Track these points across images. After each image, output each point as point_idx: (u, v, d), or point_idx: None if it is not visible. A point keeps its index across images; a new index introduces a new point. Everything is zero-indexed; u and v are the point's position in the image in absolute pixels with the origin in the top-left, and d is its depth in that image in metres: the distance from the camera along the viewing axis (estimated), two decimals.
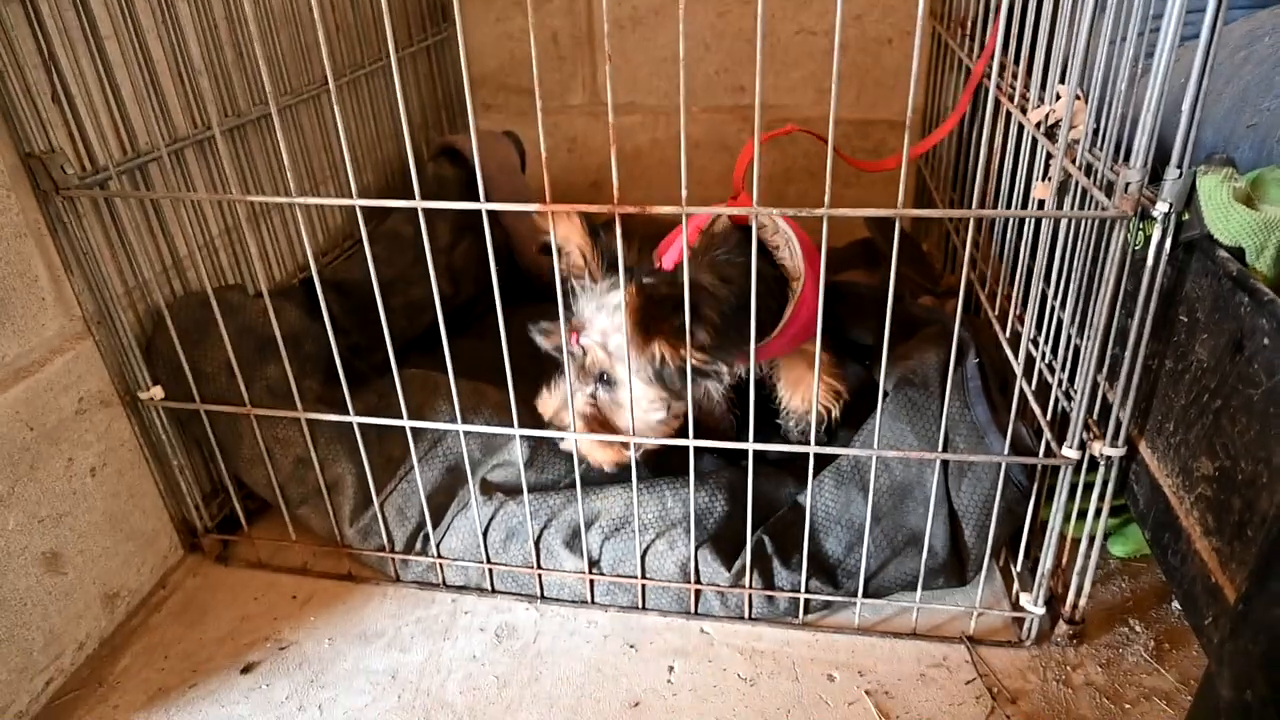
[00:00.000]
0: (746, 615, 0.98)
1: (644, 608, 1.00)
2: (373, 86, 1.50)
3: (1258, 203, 0.68)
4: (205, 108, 1.07)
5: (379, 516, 1.03)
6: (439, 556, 1.03)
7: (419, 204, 0.79)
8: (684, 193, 0.74)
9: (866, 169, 1.19)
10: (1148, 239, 0.71)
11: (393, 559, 1.05)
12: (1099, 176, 0.76)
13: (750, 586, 0.95)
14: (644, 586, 0.99)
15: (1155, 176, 0.69)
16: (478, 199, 0.78)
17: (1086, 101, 0.81)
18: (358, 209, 0.81)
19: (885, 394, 1.02)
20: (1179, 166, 0.67)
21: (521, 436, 0.96)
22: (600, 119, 1.84)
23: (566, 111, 1.84)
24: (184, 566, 1.11)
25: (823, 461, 0.99)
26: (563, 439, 0.95)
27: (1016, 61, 0.99)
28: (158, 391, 0.99)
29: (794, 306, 1.00)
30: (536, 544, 1.00)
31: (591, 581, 1.00)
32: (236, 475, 1.07)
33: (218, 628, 1.01)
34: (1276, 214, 0.66)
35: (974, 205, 0.73)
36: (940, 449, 0.88)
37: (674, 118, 1.79)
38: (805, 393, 1.11)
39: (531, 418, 1.07)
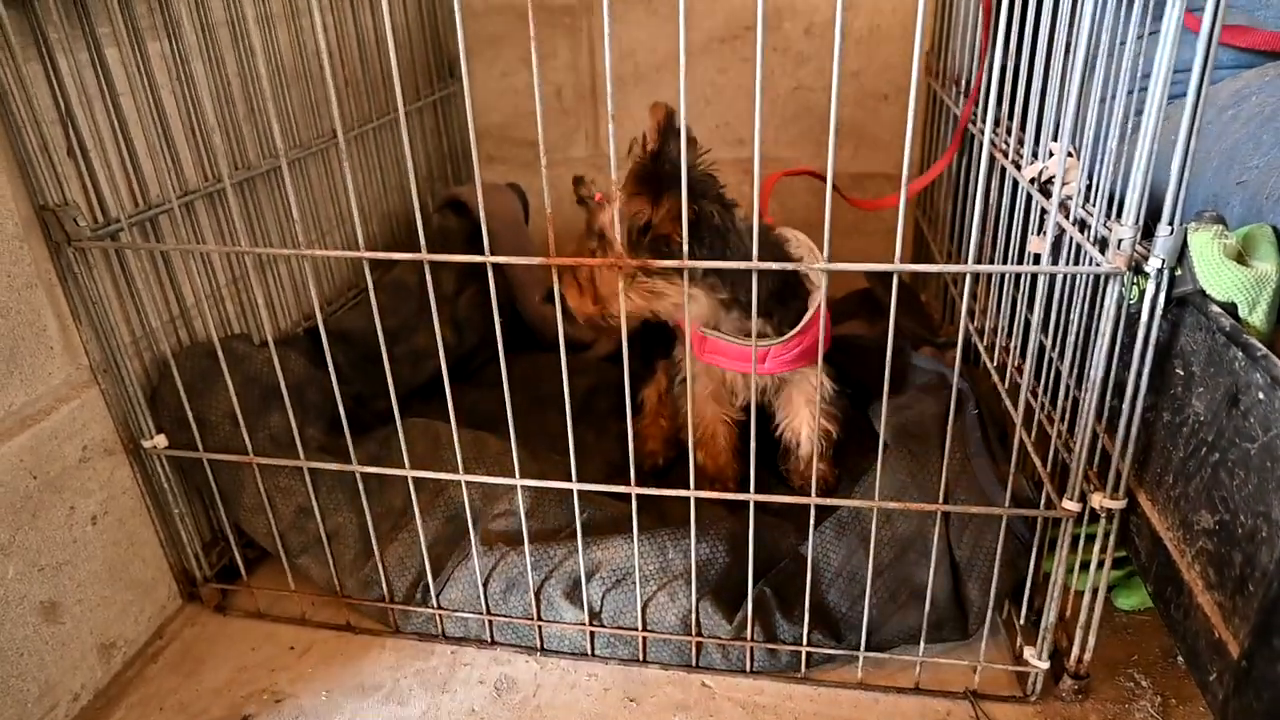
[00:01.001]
0: (748, 668, 0.97)
1: (645, 660, 0.99)
2: (381, 140, 1.53)
3: (1248, 259, 0.69)
4: (216, 161, 1.09)
5: (379, 566, 1.02)
6: (439, 608, 1.02)
7: (424, 256, 0.81)
8: (685, 247, 0.76)
9: (865, 207, 1.21)
10: (1142, 294, 0.72)
11: (392, 610, 1.04)
12: (1093, 232, 0.77)
13: (752, 639, 0.95)
14: (645, 639, 0.98)
15: (1148, 232, 0.71)
16: (482, 250, 0.79)
17: (1079, 158, 0.83)
18: (365, 262, 0.82)
19: (885, 445, 1.03)
20: (1170, 223, 0.68)
21: (523, 486, 0.96)
22: (603, 171, 1.87)
23: (570, 164, 1.87)
24: (182, 616, 1.10)
25: (824, 512, 0.99)
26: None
27: (1010, 118, 1.01)
28: (161, 440, 1.00)
29: (811, 314, 1.04)
30: (537, 595, 0.99)
31: (592, 633, 0.99)
32: (237, 524, 1.07)
33: (214, 679, 1.00)
34: (1267, 270, 0.67)
35: (971, 260, 0.75)
36: (941, 501, 0.88)
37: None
38: (804, 419, 1.14)
39: (534, 465, 1.08)
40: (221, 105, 1.13)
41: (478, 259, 0.80)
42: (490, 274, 0.81)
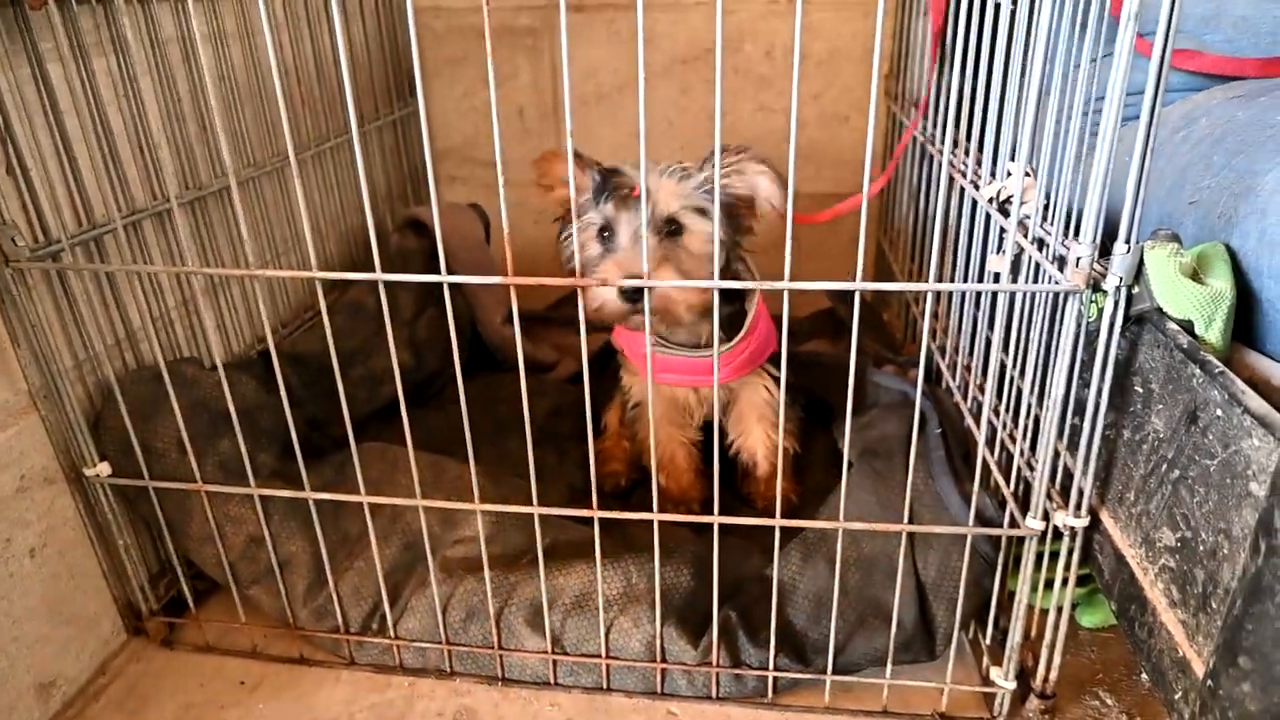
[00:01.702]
0: (714, 695, 0.95)
1: (609, 688, 0.97)
2: (339, 159, 1.51)
3: (1203, 277, 0.70)
4: (165, 179, 1.07)
5: (334, 596, 0.99)
6: (396, 638, 0.99)
7: (379, 276, 0.79)
8: (645, 266, 0.75)
9: (821, 220, 1.22)
10: (1100, 311, 0.73)
11: (347, 641, 1.01)
12: (1051, 251, 0.77)
13: (717, 664, 0.93)
14: (608, 666, 0.96)
15: (1105, 251, 0.71)
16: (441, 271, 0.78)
17: (1036, 178, 0.84)
18: (317, 283, 0.80)
19: (850, 464, 1.02)
20: (1127, 242, 0.69)
21: (483, 511, 0.93)
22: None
23: (532, 185, 1.85)
24: (127, 651, 1.05)
25: (789, 534, 0.98)
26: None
27: (969, 138, 1.02)
28: (104, 468, 0.96)
29: (753, 317, 1.06)
30: (497, 623, 0.97)
31: (554, 661, 0.97)
32: (185, 554, 1.03)
33: (160, 717, 0.96)
34: (1222, 287, 0.68)
35: (931, 278, 0.74)
36: (905, 521, 0.88)
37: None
38: (757, 438, 1.15)
39: (494, 489, 1.06)
40: (172, 123, 1.10)
41: (435, 279, 0.78)
42: (448, 294, 0.79)
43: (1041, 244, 0.79)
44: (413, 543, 1.02)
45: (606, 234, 1.00)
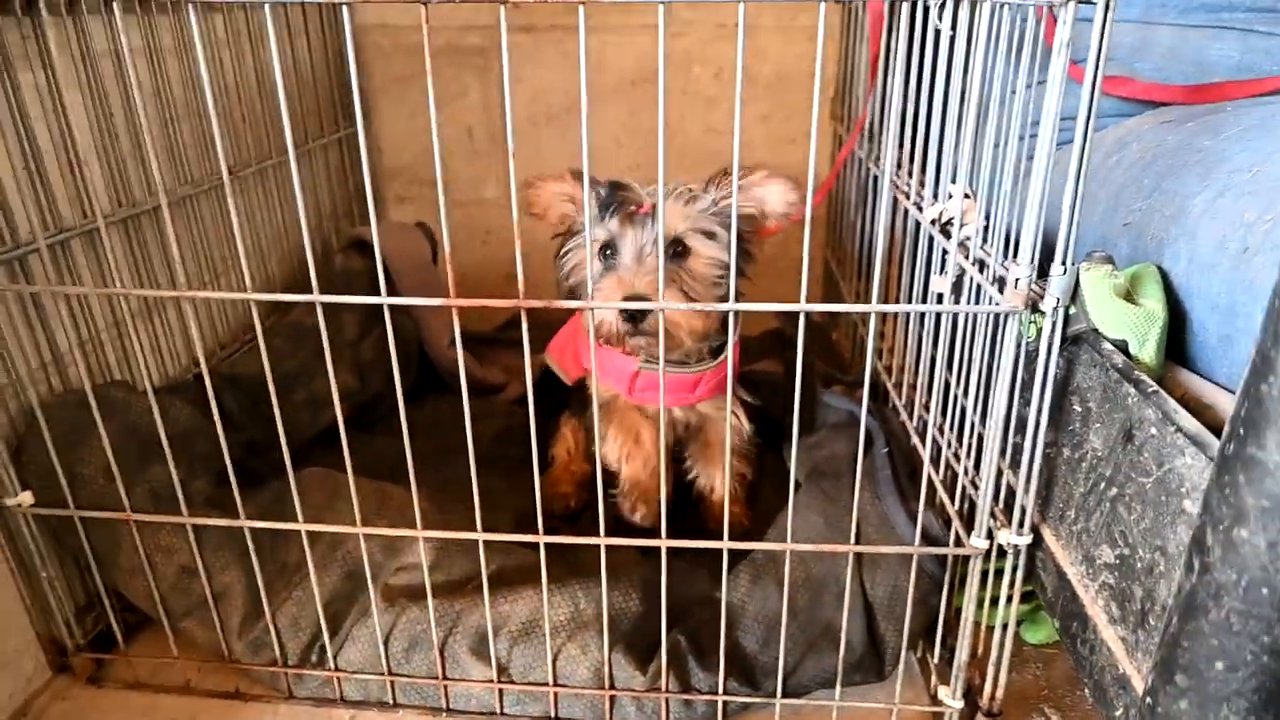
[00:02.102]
0: None
1: (556, 717, 0.95)
2: (281, 177, 1.48)
3: (1137, 297, 0.71)
4: (96, 197, 1.03)
5: (271, 627, 0.96)
6: (336, 670, 0.96)
7: (317, 298, 0.77)
8: (590, 288, 0.74)
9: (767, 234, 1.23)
10: (1039, 332, 0.74)
11: (285, 674, 0.97)
12: (991, 272, 0.79)
13: (666, 690, 0.92)
14: (556, 694, 0.94)
15: (1043, 272, 0.72)
16: (387, 292, 0.76)
17: (976, 200, 0.85)
18: (253, 304, 0.78)
19: (798, 484, 1.02)
20: (1063, 263, 0.70)
21: (425, 538, 0.91)
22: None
23: (481, 204, 1.84)
24: (50, 689, 1.00)
25: (738, 556, 0.98)
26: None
27: (912, 160, 1.03)
28: (27, 497, 0.92)
29: (735, 339, 1.05)
30: (441, 652, 0.94)
31: (500, 691, 0.95)
32: (114, 587, 0.99)
33: None
34: (1155, 308, 0.70)
35: (875, 299, 0.75)
36: (854, 541, 0.88)
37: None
38: (719, 469, 1.13)
39: (440, 514, 1.03)
40: (103, 139, 1.07)
41: (374, 300, 0.76)
42: (388, 315, 0.77)
43: (982, 265, 0.80)
44: (354, 571, 0.99)
45: (609, 251, 0.98)
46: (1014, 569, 0.83)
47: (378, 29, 1.72)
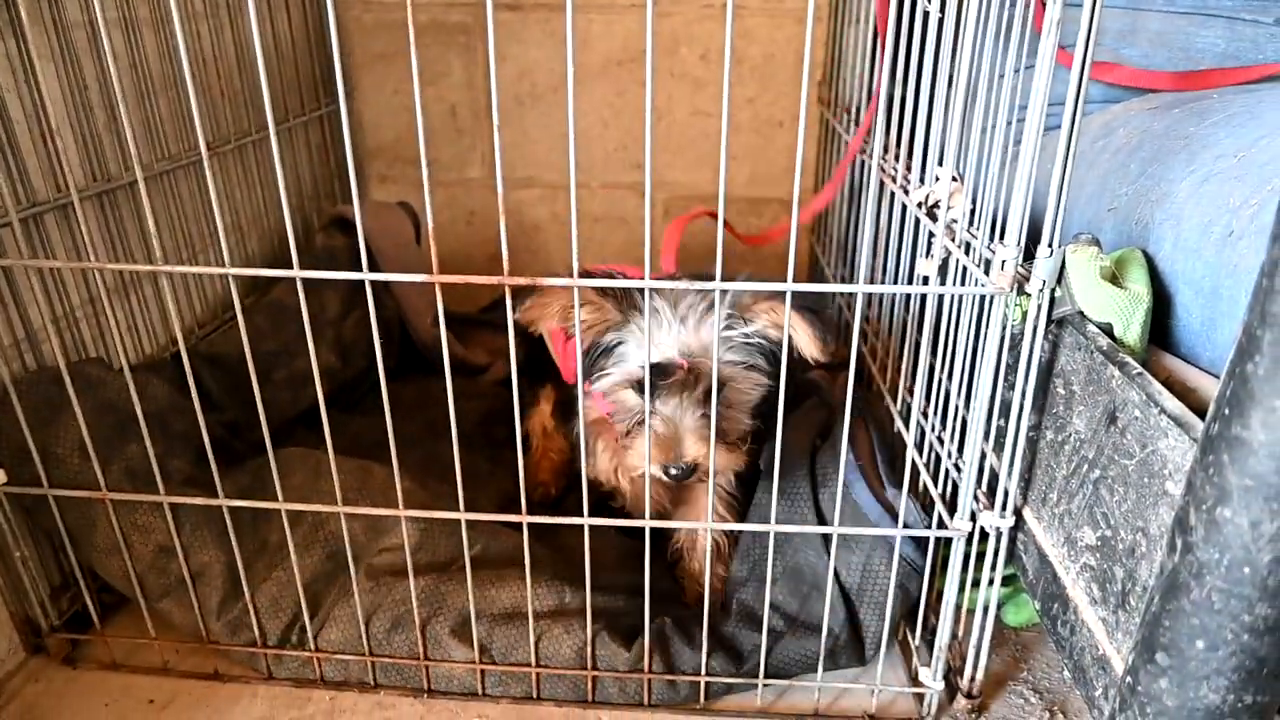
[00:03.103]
0: (646, 701, 0.94)
1: (538, 698, 0.95)
2: (261, 154, 1.45)
3: (1122, 281, 0.71)
4: (69, 172, 1.01)
5: (250, 608, 0.95)
6: (316, 650, 0.95)
7: (297, 274, 0.76)
8: (575, 266, 0.73)
9: (756, 242, 1.21)
10: (1024, 314, 0.74)
11: (265, 654, 0.97)
12: (977, 254, 0.79)
13: (650, 670, 0.92)
14: (538, 675, 0.94)
15: (1029, 255, 0.72)
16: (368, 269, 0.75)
17: (963, 183, 0.85)
18: (231, 279, 0.77)
19: (765, 472, 1.02)
20: (1050, 245, 0.70)
21: (408, 518, 0.90)
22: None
23: (465, 184, 1.82)
24: (25, 671, 0.99)
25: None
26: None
27: (899, 144, 1.03)
28: (0, 476, 0.90)
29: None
30: (423, 632, 0.94)
31: (482, 671, 0.94)
32: (89, 566, 0.98)
33: None
34: (1140, 291, 0.70)
35: (861, 280, 0.75)
36: (836, 524, 0.88)
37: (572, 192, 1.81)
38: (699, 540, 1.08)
39: (423, 494, 1.02)
40: (78, 113, 1.04)
41: (356, 276, 0.75)
42: (370, 292, 0.76)
43: (968, 248, 0.80)
44: (336, 551, 0.98)
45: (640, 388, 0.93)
46: (995, 551, 0.83)
47: (359, 3, 1.70)
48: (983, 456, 0.82)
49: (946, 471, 0.88)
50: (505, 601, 0.95)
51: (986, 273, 0.75)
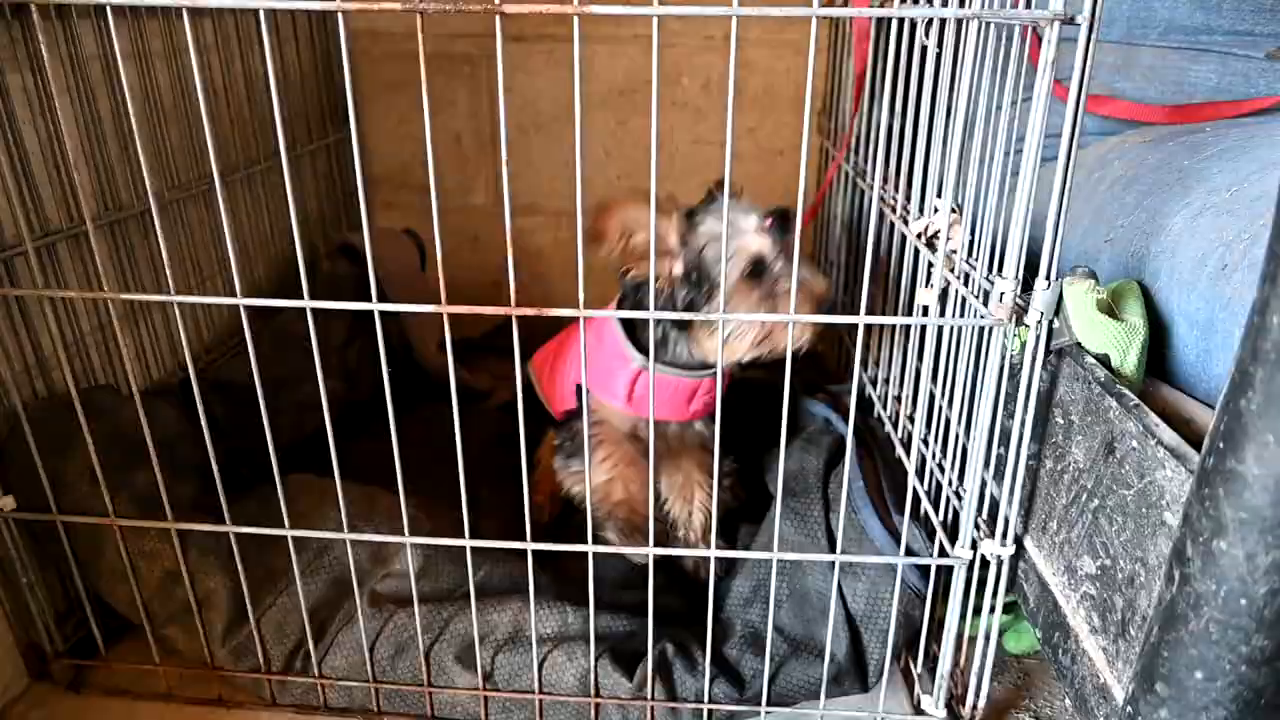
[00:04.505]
0: None
1: None
2: (269, 182, 1.47)
3: (1118, 312, 0.73)
4: (81, 201, 1.03)
5: (255, 634, 0.95)
6: (320, 676, 0.96)
7: (307, 304, 0.77)
8: (581, 296, 0.75)
9: None
10: (1023, 345, 0.75)
11: (269, 680, 0.97)
12: (976, 285, 0.80)
13: (653, 698, 0.92)
14: (541, 702, 0.94)
15: (1028, 286, 0.73)
16: (374, 298, 0.76)
17: (962, 215, 0.86)
18: (242, 309, 0.78)
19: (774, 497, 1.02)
20: (1047, 278, 0.71)
21: (413, 545, 0.91)
22: (503, 219, 1.86)
23: (469, 211, 1.85)
24: (29, 697, 0.99)
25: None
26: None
27: (898, 175, 1.05)
28: (9, 501, 0.91)
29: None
30: (427, 659, 0.94)
31: (486, 698, 0.94)
32: (95, 592, 0.98)
33: None
34: (1136, 322, 0.71)
35: (862, 311, 0.76)
36: (838, 551, 0.89)
37: (575, 219, 1.82)
38: (692, 501, 1.12)
39: (428, 521, 1.03)
40: (91, 143, 1.06)
41: (365, 306, 0.77)
42: (379, 321, 0.77)
43: (967, 279, 0.82)
44: (341, 577, 0.99)
45: (759, 266, 0.99)
46: (996, 579, 0.84)
47: (366, 35, 1.72)
48: (983, 485, 0.83)
49: (948, 499, 0.89)
50: (507, 625, 0.95)
51: (985, 304, 0.76)
